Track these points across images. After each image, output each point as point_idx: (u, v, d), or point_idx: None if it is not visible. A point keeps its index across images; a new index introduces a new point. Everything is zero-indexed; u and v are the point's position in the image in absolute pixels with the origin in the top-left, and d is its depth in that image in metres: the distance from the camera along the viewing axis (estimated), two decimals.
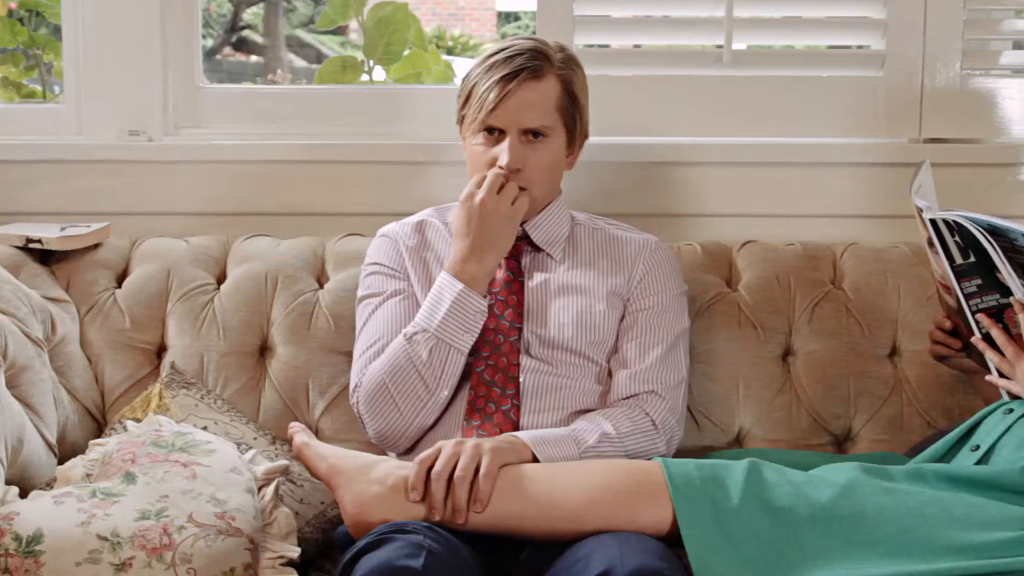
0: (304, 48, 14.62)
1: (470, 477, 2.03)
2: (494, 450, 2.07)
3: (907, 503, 2.00)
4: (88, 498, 2.03)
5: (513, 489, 2.05)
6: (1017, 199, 2.95)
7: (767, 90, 3.01)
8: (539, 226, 2.50)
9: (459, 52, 13.19)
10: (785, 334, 2.70)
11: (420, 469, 2.05)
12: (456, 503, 2.02)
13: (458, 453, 2.05)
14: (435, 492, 2.03)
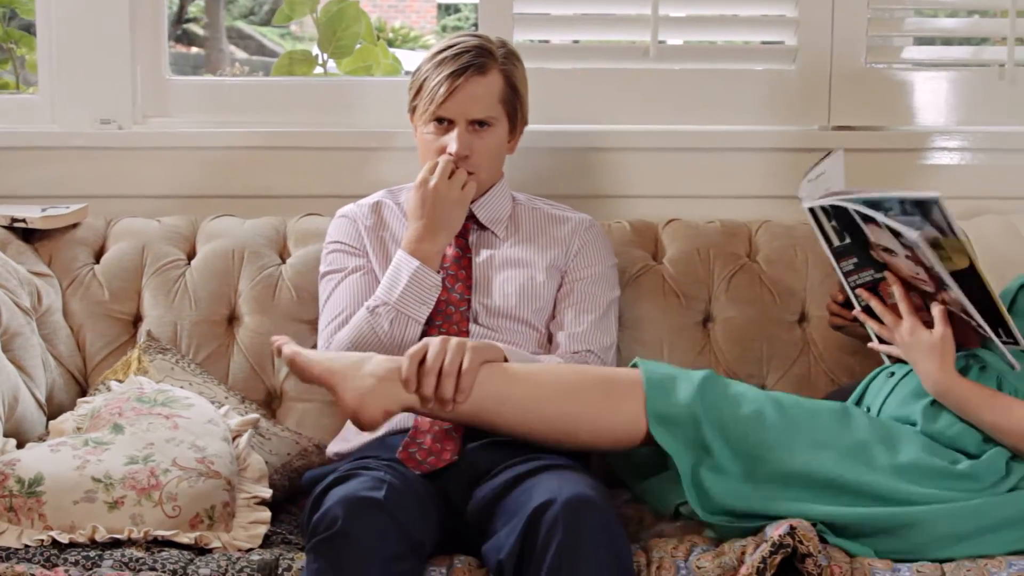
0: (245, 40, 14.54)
1: (455, 371, 2.18)
2: (475, 348, 2.22)
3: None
4: (81, 446, 2.23)
5: (493, 382, 2.22)
6: (918, 182, 3.08)
7: (690, 82, 3.14)
8: (484, 206, 2.67)
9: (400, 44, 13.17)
10: (705, 302, 2.86)
11: (412, 363, 2.19)
12: (442, 394, 2.18)
13: (444, 350, 2.20)
14: (425, 385, 2.18)
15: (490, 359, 2.25)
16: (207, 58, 12.66)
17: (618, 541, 2.03)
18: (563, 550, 1.98)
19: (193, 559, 2.11)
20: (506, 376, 2.24)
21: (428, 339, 2.24)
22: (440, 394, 2.19)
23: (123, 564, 2.06)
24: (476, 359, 2.22)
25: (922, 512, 2.17)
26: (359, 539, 1.99)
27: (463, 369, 2.19)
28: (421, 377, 2.20)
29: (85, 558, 2.08)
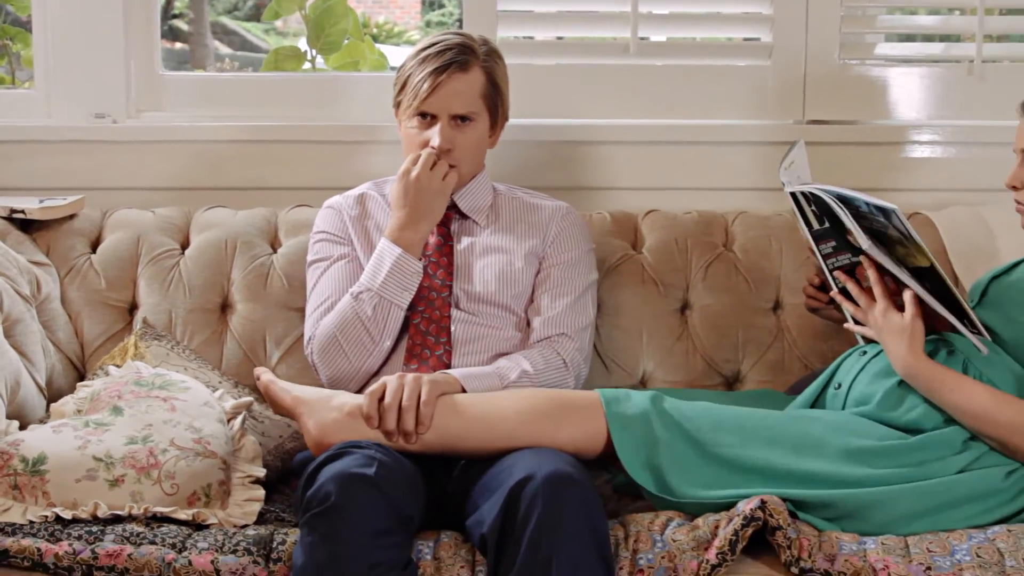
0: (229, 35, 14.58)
1: (415, 405, 2.29)
2: (431, 381, 2.34)
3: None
4: (82, 427, 2.32)
5: (453, 413, 2.32)
6: (889, 174, 3.18)
7: (669, 78, 3.21)
8: (466, 197, 2.75)
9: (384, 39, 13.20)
10: (683, 290, 2.93)
11: (371, 400, 2.31)
12: (404, 427, 2.29)
13: (402, 386, 2.31)
14: (387, 420, 2.29)
15: (447, 391, 2.36)
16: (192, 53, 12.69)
17: (596, 515, 2.12)
18: (543, 523, 2.07)
19: (191, 534, 2.19)
20: (463, 408, 2.34)
21: (386, 377, 2.35)
22: (402, 427, 2.29)
23: (124, 538, 2.14)
24: (433, 392, 2.32)
25: (883, 492, 2.26)
26: (351, 513, 2.07)
27: (422, 402, 2.30)
28: (383, 413, 2.30)
29: (88, 533, 2.16)
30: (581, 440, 2.32)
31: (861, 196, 2.35)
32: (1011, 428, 2.29)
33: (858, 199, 2.35)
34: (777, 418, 2.40)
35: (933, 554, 2.13)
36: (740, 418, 2.38)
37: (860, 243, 2.35)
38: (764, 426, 2.36)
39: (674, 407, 2.36)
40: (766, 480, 2.27)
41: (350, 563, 2.05)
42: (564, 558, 2.05)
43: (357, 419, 2.32)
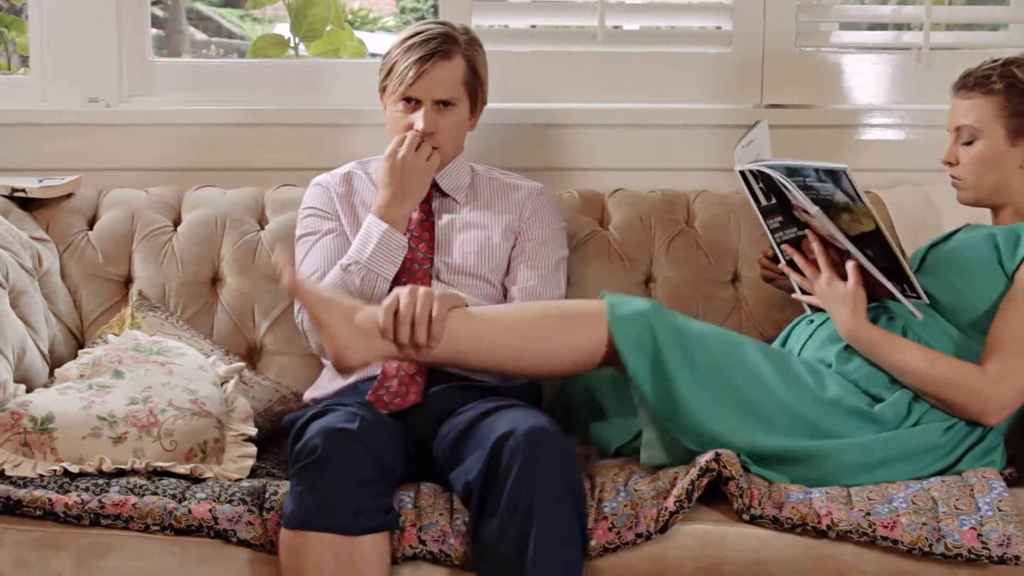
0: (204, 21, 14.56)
1: (427, 319, 2.36)
2: (442, 297, 2.40)
3: None
4: (86, 390, 2.47)
5: (463, 325, 2.40)
6: (842, 155, 3.24)
7: (635, 64, 3.33)
8: (446, 176, 2.89)
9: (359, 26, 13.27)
10: (647, 264, 3.07)
11: (387, 314, 2.36)
12: (417, 339, 2.36)
13: (415, 300, 2.37)
14: (401, 333, 2.36)
15: (456, 305, 2.45)
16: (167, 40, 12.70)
17: (570, 466, 2.28)
18: (523, 473, 2.22)
19: (190, 486, 2.35)
20: (473, 319, 2.43)
21: (399, 289, 2.40)
22: (415, 340, 2.37)
23: (128, 490, 2.30)
24: (444, 306, 2.39)
25: (832, 444, 2.43)
26: (337, 464, 2.23)
27: (433, 316, 2.37)
28: (397, 326, 2.37)
29: (94, 485, 2.32)
30: (587, 343, 2.44)
31: (810, 163, 2.48)
32: (947, 385, 2.46)
33: (807, 167, 2.48)
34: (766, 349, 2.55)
35: (873, 502, 2.32)
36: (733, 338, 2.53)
37: (808, 209, 2.49)
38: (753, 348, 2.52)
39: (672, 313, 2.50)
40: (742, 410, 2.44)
41: (336, 509, 2.20)
42: (542, 503, 2.21)
43: (372, 335, 2.36)
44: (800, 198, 2.50)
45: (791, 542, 2.28)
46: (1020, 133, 2.59)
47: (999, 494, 2.32)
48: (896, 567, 2.27)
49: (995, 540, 2.23)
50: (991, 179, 2.64)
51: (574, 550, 2.23)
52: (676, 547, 2.28)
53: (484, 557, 2.24)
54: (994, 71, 2.60)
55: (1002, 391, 2.45)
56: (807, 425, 2.46)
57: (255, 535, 2.28)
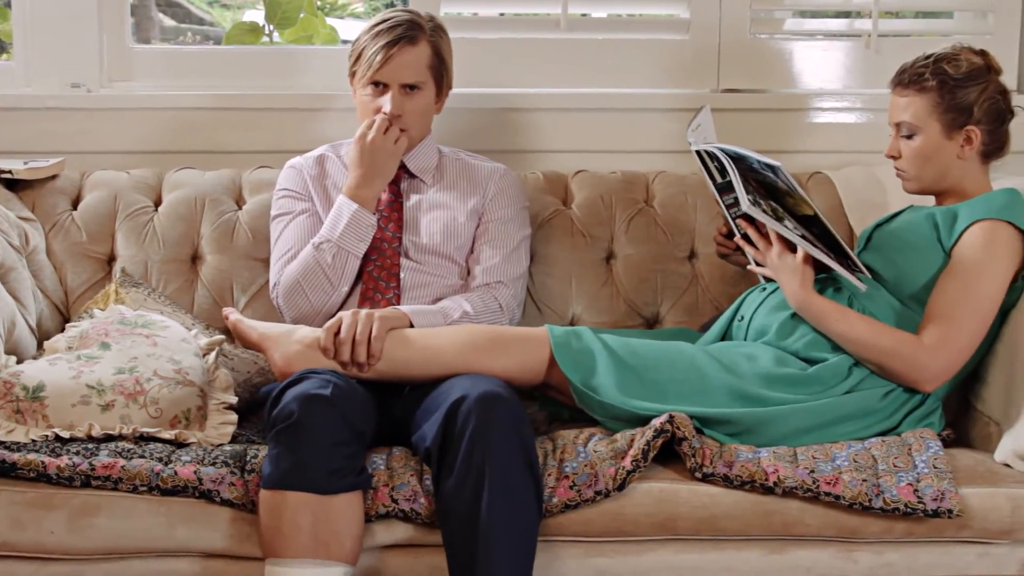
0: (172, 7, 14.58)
1: (367, 339, 2.57)
2: (382, 317, 2.61)
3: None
4: (75, 360, 2.60)
5: (401, 345, 2.60)
6: (795, 137, 3.43)
7: (596, 50, 3.44)
8: (414, 158, 3.01)
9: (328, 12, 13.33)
10: (608, 241, 3.18)
11: (328, 335, 2.58)
12: (357, 358, 2.57)
13: (356, 322, 2.58)
14: (342, 352, 2.57)
15: (396, 326, 2.63)
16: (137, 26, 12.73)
17: (522, 427, 2.41)
18: (476, 435, 2.36)
19: (175, 450, 2.49)
20: (410, 341, 2.62)
21: (342, 313, 2.61)
22: (355, 359, 2.57)
23: (117, 453, 2.43)
24: (383, 327, 2.59)
25: (776, 411, 2.58)
26: (311, 428, 2.35)
27: (372, 336, 2.57)
28: (338, 346, 2.57)
29: (85, 449, 2.44)
30: (514, 370, 2.61)
31: (752, 155, 2.63)
32: (886, 353, 2.62)
33: (750, 157, 2.63)
34: (695, 348, 2.71)
35: (817, 460, 2.47)
36: (664, 344, 2.69)
37: (741, 203, 2.64)
38: (687, 348, 2.68)
39: (611, 338, 2.66)
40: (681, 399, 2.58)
41: (312, 470, 2.33)
42: (495, 463, 2.35)
43: (316, 351, 2.59)
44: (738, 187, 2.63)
45: (740, 498, 2.44)
46: (955, 126, 2.74)
47: (935, 452, 2.48)
48: (838, 521, 2.43)
49: (930, 495, 2.39)
50: (931, 170, 2.79)
51: (527, 505, 2.37)
52: (633, 504, 2.43)
53: (444, 513, 2.38)
54: (927, 69, 2.74)
55: (937, 360, 2.60)
56: (748, 399, 2.61)
57: (237, 495, 2.41)
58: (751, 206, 2.65)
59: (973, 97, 2.72)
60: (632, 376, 2.61)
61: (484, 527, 2.32)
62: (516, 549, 2.34)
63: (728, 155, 2.67)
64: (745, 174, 2.67)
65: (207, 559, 2.44)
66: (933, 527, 2.44)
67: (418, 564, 2.46)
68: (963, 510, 2.41)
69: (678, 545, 2.48)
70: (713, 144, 2.73)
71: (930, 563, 2.49)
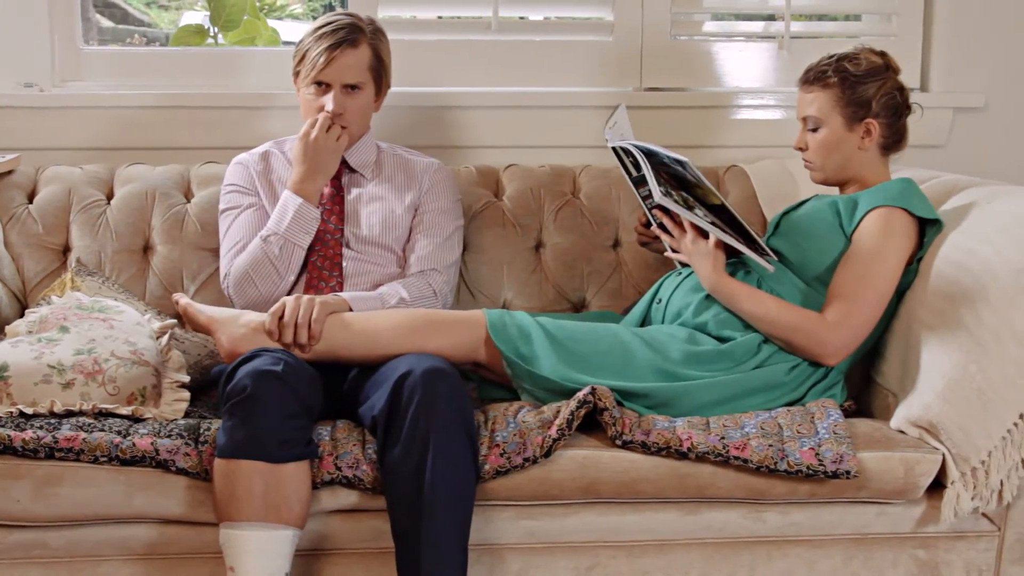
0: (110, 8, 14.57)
1: (307, 322, 2.73)
2: (322, 302, 2.76)
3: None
4: (36, 343, 2.73)
5: (340, 328, 2.76)
6: (714, 133, 3.62)
7: (526, 51, 3.59)
8: (354, 154, 3.15)
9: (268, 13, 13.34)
10: (537, 231, 3.34)
11: (272, 319, 2.74)
12: (299, 340, 2.73)
13: (298, 306, 2.74)
14: (285, 335, 2.74)
15: (336, 310, 2.79)
16: None
17: (463, 399, 2.58)
18: (421, 406, 2.52)
19: (132, 424, 2.63)
20: (349, 324, 2.77)
21: (285, 298, 2.77)
22: (297, 340, 2.74)
23: (78, 427, 2.57)
24: (323, 311, 2.75)
25: (691, 385, 2.77)
26: (264, 401, 2.51)
27: (312, 319, 2.73)
28: (281, 329, 2.74)
29: (48, 424, 2.58)
30: (448, 350, 2.77)
31: (662, 150, 2.81)
32: (792, 329, 2.81)
33: (660, 152, 2.81)
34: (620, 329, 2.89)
35: (727, 428, 2.67)
36: (591, 325, 2.87)
37: (654, 195, 2.82)
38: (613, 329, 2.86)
39: (544, 318, 2.85)
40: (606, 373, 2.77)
41: (264, 440, 2.49)
42: (438, 431, 2.51)
43: (261, 334, 2.75)
44: (651, 180, 2.81)
45: (658, 463, 2.62)
46: (855, 119, 2.95)
47: (835, 420, 2.69)
48: (747, 483, 2.63)
49: (830, 458, 2.60)
50: (835, 160, 2.99)
51: (467, 471, 2.53)
52: (559, 469, 2.61)
53: (390, 479, 2.54)
54: (830, 67, 2.96)
55: (839, 336, 2.81)
56: (667, 375, 2.79)
57: (192, 464, 2.56)
58: (663, 197, 2.82)
59: (872, 92, 2.94)
60: (562, 350, 2.78)
61: (428, 492, 2.48)
62: (457, 512, 2.51)
63: (641, 150, 2.84)
64: (657, 168, 2.84)
65: (164, 525, 2.59)
66: (834, 488, 2.64)
67: (361, 528, 2.62)
68: (860, 472, 2.61)
69: (600, 507, 2.66)
70: (628, 141, 2.90)
71: (832, 522, 2.70)
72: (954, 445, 2.66)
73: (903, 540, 2.73)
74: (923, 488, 2.68)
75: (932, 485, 2.69)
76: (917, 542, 2.73)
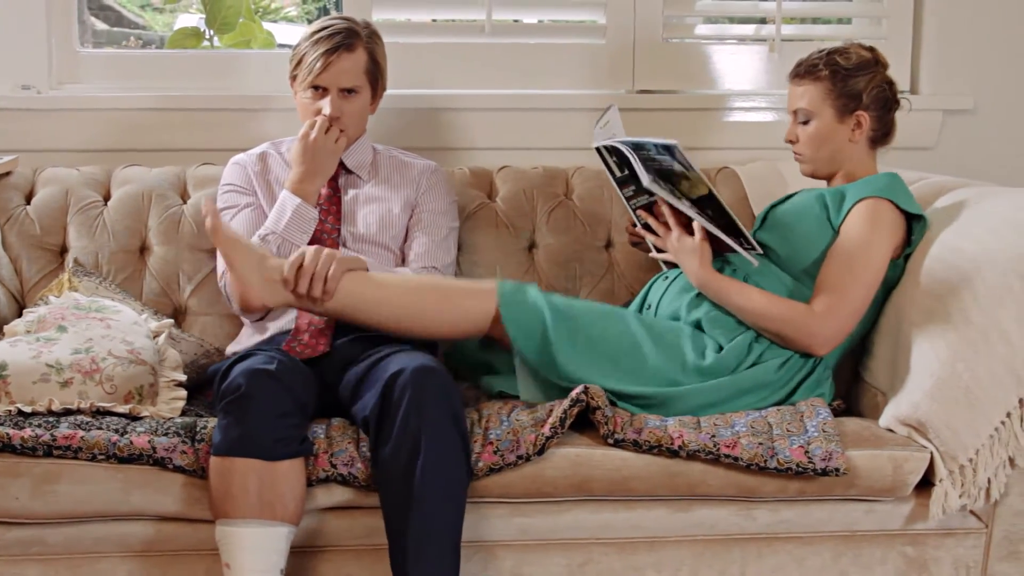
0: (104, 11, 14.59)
1: (324, 275, 2.70)
2: (341, 259, 2.74)
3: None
4: (34, 342, 2.76)
5: (357, 282, 2.74)
6: (705, 135, 3.64)
7: (519, 54, 3.61)
8: (351, 155, 3.18)
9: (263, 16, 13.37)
10: (531, 232, 3.36)
11: (291, 267, 2.71)
12: (313, 292, 2.71)
13: (317, 257, 2.71)
14: (300, 285, 2.71)
15: (354, 268, 2.78)
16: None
17: (453, 397, 2.61)
18: (412, 404, 2.55)
19: (130, 423, 2.66)
20: (365, 280, 2.77)
21: (306, 247, 2.75)
22: (311, 293, 2.72)
23: (76, 426, 2.60)
24: (340, 267, 2.74)
25: (683, 389, 2.80)
26: (258, 400, 2.53)
27: (329, 274, 2.71)
28: (298, 278, 2.72)
29: (46, 422, 2.61)
30: (458, 319, 2.79)
31: (649, 139, 2.83)
32: (781, 321, 2.84)
33: (647, 142, 2.83)
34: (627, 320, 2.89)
35: (718, 427, 2.70)
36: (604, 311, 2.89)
37: (642, 179, 2.83)
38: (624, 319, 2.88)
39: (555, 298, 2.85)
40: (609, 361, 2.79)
41: (259, 438, 2.52)
42: (428, 429, 2.54)
43: (277, 284, 2.72)
44: (638, 168, 2.84)
45: (649, 461, 2.65)
46: (846, 111, 2.99)
47: (824, 418, 2.72)
48: (737, 481, 2.66)
49: (819, 455, 2.63)
50: (825, 152, 3.03)
51: (457, 468, 2.56)
52: (552, 467, 2.64)
53: (381, 477, 2.57)
54: (820, 60, 3.00)
55: (827, 326, 2.83)
56: (668, 381, 2.82)
57: (188, 462, 2.59)
58: (651, 182, 2.84)
59: (862, 85, 2.98)
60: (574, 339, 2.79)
61: (418, 488, 2.51)
62: (447, 508, 2.54)
63: (628, 145, 2.86)
64: (646, 163, 2.86)
65: (161, 522, 2.62)
66: (823, 486, 2.67)
67: (356, 525, 2.65)
68: (849, 469, 2.64)
69: (593, 505, 2.69)
70: (613, 138, 2.92)
71: (822, 519, 2.73)
72: (942, 443, 2.69)
73: (892, 537, 2.76)
74: (911, 486, 2.71)
75: (920, 483, 2.72)
76: (906, 539, 2.76)
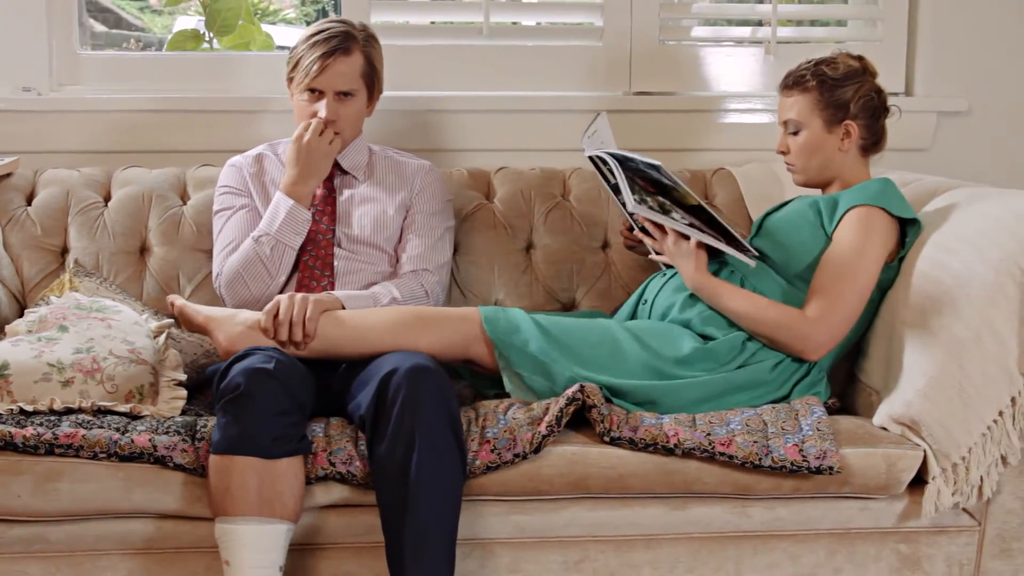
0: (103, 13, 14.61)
1: (302, 320, 2.78)
2: (316, 300, 2.81)
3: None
4: (36, 342, 2.78)
5: (334, 326, 2.82)
6: (702, 136, 3.67)
7: (517, 56, 3.65)
8: (346, 156, 3.21)
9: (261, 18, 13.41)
10: (528, 232, 3.40)
11: (268, 316, 2.80)
12: (294, 337, 2.79)
13: (292, 304, 2.79)
14: (280, 333, 2.79)
15: (329, 308, 2.85)
16: None
17: (448, 395, 2.63)
18: (406, 403, 2.57)
19: (130, 422, 2.68)
20: (342, 321, 2.83)
21: (279, 296, 2.82)
22: (292, 338, 2.79)
23: (78, 424, 2.62)
24: (316, 309, 2.81)
25: (675, 384, 2.83)
26: (257, 399, 2.56)
27: (307, 318, 2.79)
28: (276, 327, 2.79)
29: (48, 421, 2.63)
30: (438, 346, 2.83)
31: (636, 156, 2.87)
32: (774, 326, 2.87)
33: (635, 159, 2.86)
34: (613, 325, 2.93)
35: (713, 425, 2.72)
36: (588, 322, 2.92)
37: (627, 204, 2.87)
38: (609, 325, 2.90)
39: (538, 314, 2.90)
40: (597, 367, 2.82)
41: (258, 436, 2.54)
42: (423, 427, 2.56)
43: (257, 331, 2.81)
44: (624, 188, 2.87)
45: (645, 459, 2.67)
46: (834, 121, 3.02)
47: (819, 417, 2.75)
48: (732, 479, 2.69)
49: (814, 454, 2.65)
50: (816, 162, 3.06)
51: (452, 466, 2.58)
52: (548, 465, 2.66)
53: (377, 475, 2.59)
54: (808, 71, 3.03)
55: (820, 331, 2.86)
56: (655, 373, 2.84)
57: (189, 460, 2.61)
58: (637, 205, 2.87)
59: (850, 95, 3.00)
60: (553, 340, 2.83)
61: (413, 487, 2.53)
62: (442, 506, 2.56)
63: (615, 158, 2.89)
64: (632, 174, 2.89)
65: (161, 520, 2.64)
66: (818, 483, 2.69)
67: (354, 523, 2.67)
68: (843, 468, 2.67)
69: (589, 503, 2.72)
70: (602, 149, 2.95)
71: (816, 517, 2.75)
72: (935, 441, 2.72)
73: (885, 535, 2.78)
74: (905, 484, 2.73)
75: (914, 481, 2.74)
76: (899, 537, 2.79)
